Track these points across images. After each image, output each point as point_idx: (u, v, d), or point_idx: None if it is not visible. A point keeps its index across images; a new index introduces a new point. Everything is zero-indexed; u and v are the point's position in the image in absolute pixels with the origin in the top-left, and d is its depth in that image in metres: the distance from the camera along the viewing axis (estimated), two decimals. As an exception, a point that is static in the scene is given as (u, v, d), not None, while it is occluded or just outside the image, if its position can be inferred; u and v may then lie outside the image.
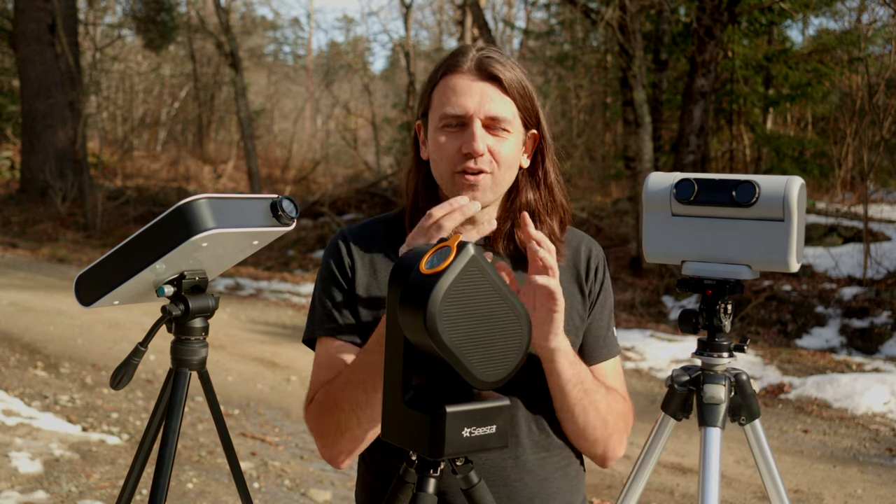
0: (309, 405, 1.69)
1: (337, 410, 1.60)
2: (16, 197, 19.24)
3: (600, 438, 1.68)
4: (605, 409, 1.66)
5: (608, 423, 1.67)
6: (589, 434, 1.67)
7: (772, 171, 14.07)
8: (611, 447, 1.71)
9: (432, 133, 1.67)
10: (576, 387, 1.61)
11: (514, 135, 1.66)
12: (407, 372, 1.28)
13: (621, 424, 1.71)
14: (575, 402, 1.62)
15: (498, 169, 1.64)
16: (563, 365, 1.59)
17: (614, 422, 1.68)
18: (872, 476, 4.93)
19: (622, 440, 1.72)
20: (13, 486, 4.18)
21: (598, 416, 1.65)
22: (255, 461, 4.80)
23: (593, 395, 1.64)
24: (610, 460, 1.73)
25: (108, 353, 7.16)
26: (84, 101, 18.81)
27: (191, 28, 24.51)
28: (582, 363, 1.64)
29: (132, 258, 1.57)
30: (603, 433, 1.68)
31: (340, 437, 1.62)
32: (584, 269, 1.76)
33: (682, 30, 14.45)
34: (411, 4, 23.02)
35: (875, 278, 10.22)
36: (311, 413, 1.68)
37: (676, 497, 4.53)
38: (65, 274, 11.75)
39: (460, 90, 1.63)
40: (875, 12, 14.18)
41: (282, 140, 28.88)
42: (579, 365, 1.63)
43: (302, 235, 16.08)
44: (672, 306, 10.57)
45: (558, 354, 1.58)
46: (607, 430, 1.68)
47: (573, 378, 1.61)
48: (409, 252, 1.29)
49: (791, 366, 7.44)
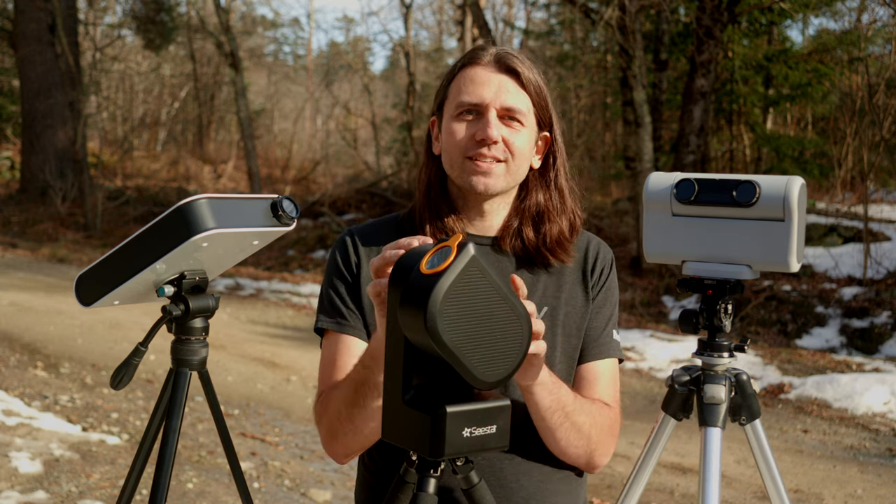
0: (317, 402, 1.71)
1: (330, 417, 1.62)
2: (16, 197, 19.24)
3: (583, 455, 1.67)
4: (589, 427, 1.64)
5: (591, 439, 1.65)
6: (571, 452, 1.66)
7: (772, 171, 14.07)
8: (595, 458, 1.69)
9: (447, 122, 1.67)
10: (555, 413, 1.59)
11: (528, 129, 1.67)
12: (407, 372, 1.28)
13: (604, 437, 1.68)
14: (556, 427, 1.61)
15: (512, 159, 1.64)
16: (542, 395, 1.57)
17: (598, 437, 1.66)
18: (872, 476, 4.93)
19: (607, 451, 1.71)
20: (13, 486, 4.18)
21: (581, 436, 1.63)
22: (255, 461, 4.80)
23: (575, 416, 1.61)
24: (596, 468, 1.72)
25: (108, 353, 7.16)
26: (84, 101, 18.82)
27: (191, 28, 24.52)
28: (563, 386, 1.61)
29: (132, 258, 1.57)
30: (585, 449, 1.66)
31: (334, 440, 1.63)
32: (590, 270, 1.76)
33: (682, 30, 14.45)
34: (411, 4, 23.04)
35: (875, 278, 10.23)
36: (316, 412, 1.70)
37: (676, 497, 4.53)
38: (65, 274, 11.75)
39: (478, 80, 1.65)
40: (875, 12, 14.20)
41: (282, 140, 28.88)
42: (559, 391, 1.59)
43: (302, 235, 16.09)
44: (672, 306, 10.57)
45: (537, 388, 1.56)
46: (590, 446, 1.66)
47: (552, 405, 1.58)
48: (409, 252, 1.29)
49: (791, 366, 7.44)
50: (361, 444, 1.61)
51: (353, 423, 1.56)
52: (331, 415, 1.61)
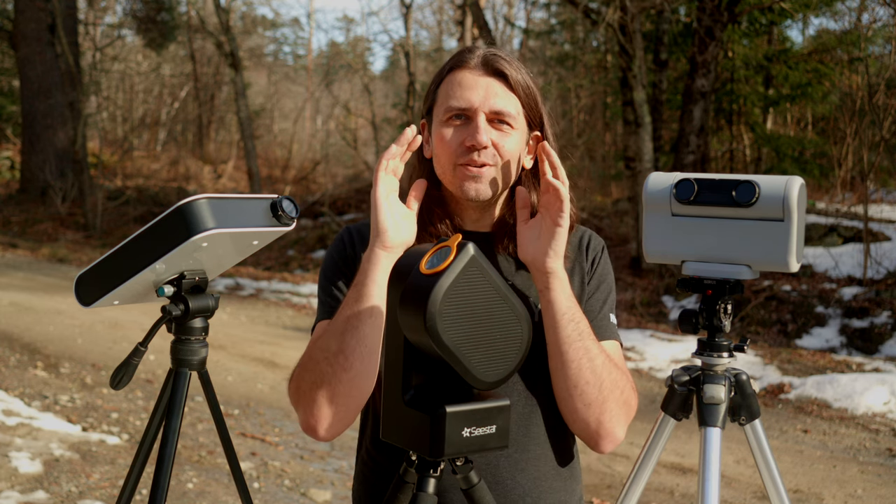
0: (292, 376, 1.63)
1: (313, 365, 1.55)
2: (16, 197, 19.25)
3: (593, 401, 1.59)
4: (601, 365, 1.58)
5: (603, 383, 1.59)
6: (580, 390, 1.58)
7: (772, 171, 14.07)
8: (605, 419, 1.59)
9: (436, 127, 1.67)
10: (570, 323, 1.56)
11: (518, 131, 1.66)
12: (407, 372, 1.28)
13: (617, 394, 1.61)
14: (570, 341, 1.56)
15: (501, 163, 1.64)
16: (559, 294, 1.56)
17: (610, 385, 1.59)
18: (872, 476, 4.93)
19: (619, 416, 1.61)
20: (13, 486, 4.18)
21: (592, 369, 1.57)
22: (255, 461, 4.80)
23: (588, 340, 1.58)
24: (604, 439, 1.61)
25: (108, 353, 7.16)
26: (84, 101, 18.82)
27: (191, 28, 24.53)
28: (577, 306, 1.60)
29: (132, 258, 1.57)
30: (597, 395, 1.58)
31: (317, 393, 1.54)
32: (583, 258, 1.76)
33: (682, 30, 14.46)
34: (411, 4, 23.03)
35: (875, 278, 10.23)
36: (293, 379, 1.61)
37: (676, 497, 4.53)
38: (65, 274, 11.76)
39: (466, 84, 1.64)
40: (875, 12, 14.20)
41: (282, 140, 28.89)
42: (575, 305, 1.58)
43: (302, 235, 16.09)
44: (672, 306, 10.57)
45: (555, 280, 1.56)
46: (602, 393, 1.59)
47: (568, 312, 1.56)
48: (409, 252, 1.29)
49: (791, 366, 7.44)
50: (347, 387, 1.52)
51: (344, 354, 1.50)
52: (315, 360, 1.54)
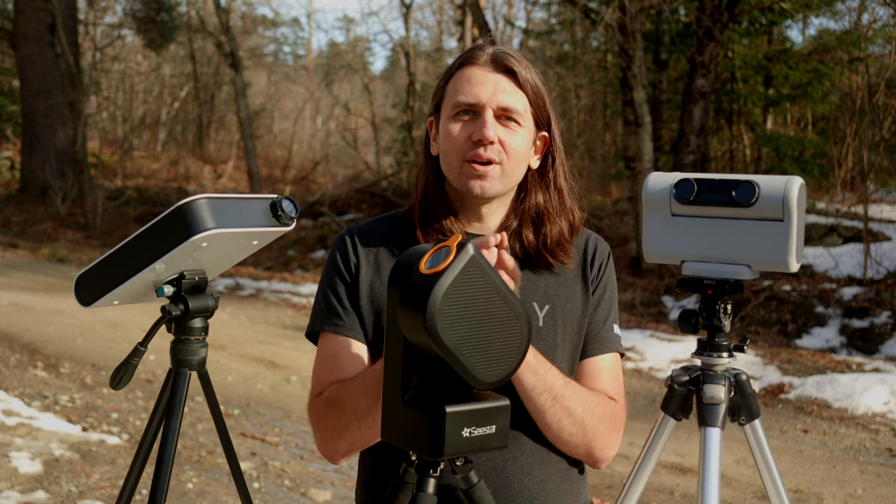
0: (315, 399, 1.68)
1: (340, 411, 1.60)
2: (16, 197, 19.25)
3: (579, 444, 1.65)
4: (582, 414, 1.63)
5: (586, 428, 1.64)
6: (564, 439, 1.64)
7: (772, 171, 14.07)
8: (595, 449, 1.67)
9: (444, 123, 1.67)
10: (542, 395, 1.59)
11: (526, 129, 1.66)
12: (407, 372, 1.28)
13: (604, 427, 1.66)
14: (544, 409, 1.60)
15: (507, 160, 1.63)
16: (525, 375, 1.57)
17: (594, 426, 1.64)
18: (872, 476, 4.93)
19: (609, 442, 1.68)
20: (13, 486, 4.18)
21: (573, 422, 1.62)
22: (255, 461, 4.80)
23: (565, 401, 1.61)
24: (599, 462, 1.69)
25: (108, 353, 7.16)
26: (84, 101, 18.82)
27: (191, 28, 24.53)
28: (551, 370, 1.60)
29: (132, 258, 1.57)
30: (581, 438, 1.64)
31: (339, 437, 1.62)
32: (589, 265, 1.75)
33: (682, 30, 14.46)
34: (411, 4, 23.04)
35: (875, 278, 10.23)
36: (316, 407, 1.67)
37: (676, 497, 4.53)
38: (65, 274, 11.75)
39: (475, 80, 1.64)
40: (875, 12, 14.20)
41: (282, 140, 28.89)
42: (546, 372, 1.59)
43: (302, 235, 16.09)
44: (672, 306, 10.57)
45: None
46: (586, 436, 1.64)
47: (537, 386, 1.58)
48: (408, 252, 1.29)
49: (791, 366, 7.44)
50: (369, 438, 1.60)
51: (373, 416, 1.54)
52: (343, 408, 1.59)
